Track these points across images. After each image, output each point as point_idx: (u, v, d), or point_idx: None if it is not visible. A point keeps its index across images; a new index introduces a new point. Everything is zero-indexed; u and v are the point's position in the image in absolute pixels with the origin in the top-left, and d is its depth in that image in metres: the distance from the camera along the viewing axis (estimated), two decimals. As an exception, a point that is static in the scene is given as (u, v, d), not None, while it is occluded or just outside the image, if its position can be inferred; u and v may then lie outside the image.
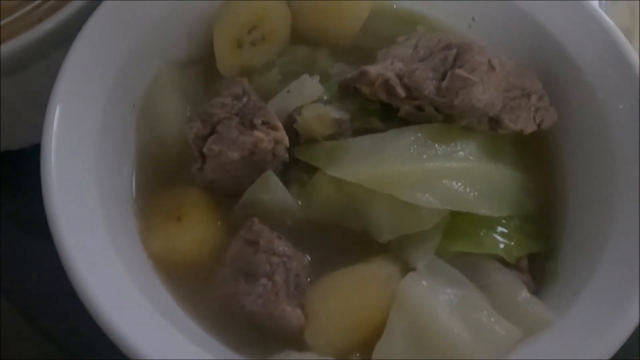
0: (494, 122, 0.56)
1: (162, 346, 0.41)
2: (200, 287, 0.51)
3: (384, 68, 0.56)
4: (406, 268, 0.50)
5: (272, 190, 0.53)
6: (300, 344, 0.48)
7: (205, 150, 0.51)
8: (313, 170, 0.54)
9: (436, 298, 0.46)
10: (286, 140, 0.52)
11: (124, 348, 0.40)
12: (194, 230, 0.52)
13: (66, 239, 0.43)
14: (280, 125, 0.53)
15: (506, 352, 0.44)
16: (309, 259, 0.52)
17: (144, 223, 0.53)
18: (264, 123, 0.53)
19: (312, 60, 0.63)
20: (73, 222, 0.44)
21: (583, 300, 0.45)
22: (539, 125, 0.56)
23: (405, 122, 0.56)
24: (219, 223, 0.54)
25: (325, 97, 0.58)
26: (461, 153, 0.53)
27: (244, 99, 0.55)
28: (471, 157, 0.53)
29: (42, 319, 0.65)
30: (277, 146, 0.53)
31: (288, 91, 0.57)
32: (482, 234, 0.51)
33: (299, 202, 0.54)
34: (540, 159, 0.58)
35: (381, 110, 0.57)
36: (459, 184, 0.51)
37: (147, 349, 0.40)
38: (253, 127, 0.52)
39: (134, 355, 0.40)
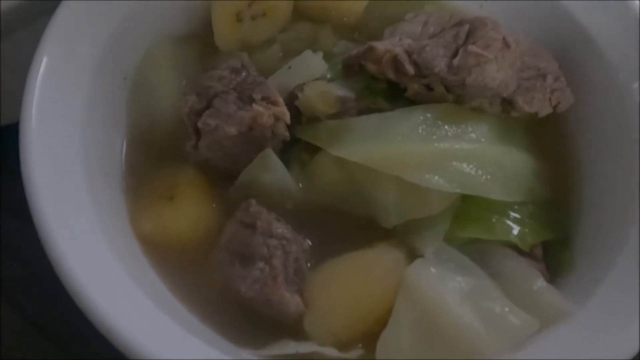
0: (507, 103, 0.54)
1: (152, 333, 0.38)
2: (192, 271, 0.48)
3: (392, 44, 0.53)
4: (413, 254, 0.47)
5: (272, 169, 0.50)
6: (298, 333, 0.45)
7: (200, 125, 0.48)
8: (315, 150, 0.51)
9: (445, 286, 0.43)
10: (287, 116, 0.50)
11: (112, 335, 0.37)
12: (187, 211, 0.50)
13: (47, 218, 0.40)
14: (281, 100, 0.50)
15: (522, 344, 0.41)
16: (310, 243, 0.49)
17: (134, 202, 0.50)
18: (263, 98, 0.50)
19: (315, 37, 0.60)
20: (55, 199, 0.41)
21: (604, 291, 0.42)
22: (554, 107, 0.53)
23: (412, 102, 0.53)
24: (213, 204, 0.51)
25: (328, 76, 0.55)
26: (472, 135, 0.51)
27: (243, 74, 0.52)
28: (483, 139, 0.51)
29: (28, 306, 0.62)
30: (278, 123, 0.50)
31: (290, 67, 0.54)
32: (494, 219, 0.48)
33: (300, 184, 0.51)
34: (554, 143, 0.56)
35: (388, 90, 0.54)
36: (470, 166, 0.48)
37: (137, 336, 0.37)
38: (252, 102, 0.49)
39: (122, 343, 0.37)
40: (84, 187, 0.43)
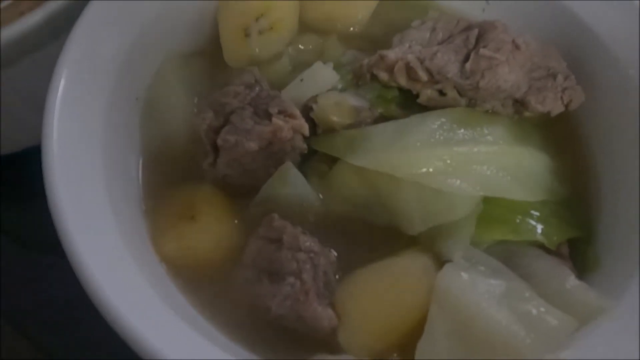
0: (519, 104, 0.54)
1: (191, 354, 0.37)
2: (219, 291, 0.47)
3: (402, 52, 0.54)
4: (440, 260, 0.47)
5: (292, 183, 0.49)
6: (333, 347, 0.44)
7: (219, 141, 0.48)
8: (332, 161, 0.51)
9: (478, 290, 0.43)
10: (306, 129, 0.49)
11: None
12: (210, 229, 0.49)
13: (78, 244, 0.39)
14: (298, 113, 0.50)
15: (562, 344, 0.40)
16: (336, 254, 0.48)
17: (155, 224, 0.49)
18: (280, 112, 0.49)
19: (322, 49, 0.60)
20: (83, 226, 0.40)
21: (636, 284, 0.42)
22: (566, 105, 0.54)
23: (425, 108, 0.53)
24: (235, 221, 0.50)
25: (339, 86, 0.55)
26: (489, 137, 0.51)
27: (257, 88, 0.52)
28: (500, 141, 0.51)
29: (39, 334, 0.61)
30: (295, 136, 0.49)
31: (301, 79, 0.54)
32: (517, 220, 0.48)
33: (320, 196, 0.50)
34: (568, 142, 0.56)
35: (400, 97, 0.54)
36: (491, 168, 0.49)
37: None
38: (269, 116, 0.49)
39: None
40: (110, 212, 0.43)
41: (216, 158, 0.49)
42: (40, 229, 0.42)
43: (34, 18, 0.51)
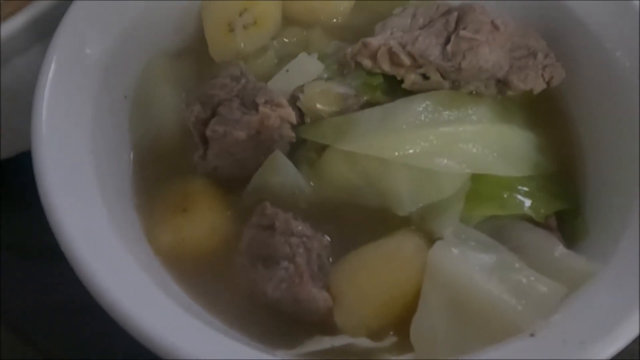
0: (502, 84, 0.55)
1: (191, 338, 0.38)
2: (214, 280, 0.48)
3: (384, 38, 0.55)
4: (431, 238, 0.48)
5: (282, 171, 0.50)
6: (330, 328, 0.45)
7: (208, 132, 0.48)
8: (321, 149, 0.52)
9: (469, 263, 0.44)
10: (293, 117, 0.50)
11: (155, 345, 0.37)
12: (203, 220, 0.49)
13: (76, 244, 0.40)
14: (285, 102, 0.50)
15: (553, 310, 0.41)
16: (329, 239, 0.49)
17: (148, 218, 0.50)
18: (267, 102, 0.50)
19: (306, 41, 0.61)
20: (79, 225, 0.41)
21: (624, 249, 0.43)
22: (548, 82, 0.55)
23: (410, 93, 0.54)
24: (228, 212, 0.51)
25: (325, 76, 0.56)
26: (473, 117, 0.52)
27: (243, 80, 0.52)
28: (484, 120, 0.52)
29: (38, 336, 0.61)
30: (283, 125, 0.50)
31: (287, 70, 0.55)
32: (505, 195, 0.49)
33: (311, 183, 0.51)
34: (552, 119, 0.57)
35: (385, 84, 0.55)
36: (477, 146, 0.50)
37: (180, 343, 0.37)
38: (256, 106, 0.50)
39: (166, 351, 0.37)
40: (104, 211, 0.43)
41: (206, 150, 0.50)
42: (37, 232, 0.43)
43: (21, 19, 0.51)
